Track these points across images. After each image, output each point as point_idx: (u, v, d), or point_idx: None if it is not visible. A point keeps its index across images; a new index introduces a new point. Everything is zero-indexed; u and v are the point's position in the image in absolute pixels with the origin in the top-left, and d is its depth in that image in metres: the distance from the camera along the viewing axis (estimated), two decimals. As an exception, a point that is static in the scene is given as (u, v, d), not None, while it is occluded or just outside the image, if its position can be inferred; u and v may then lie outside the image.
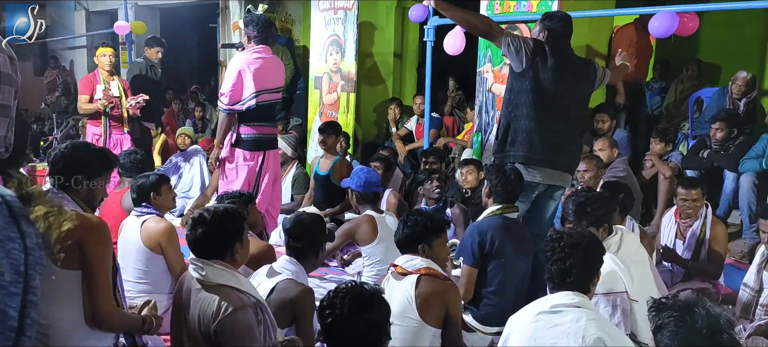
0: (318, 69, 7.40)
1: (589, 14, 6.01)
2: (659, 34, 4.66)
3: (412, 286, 2.88)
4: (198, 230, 2.54)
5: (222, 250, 2.56)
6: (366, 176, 4.30)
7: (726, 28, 6.71)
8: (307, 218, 3.19)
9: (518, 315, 2.57)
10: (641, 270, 3.22)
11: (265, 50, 4.69)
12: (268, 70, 4.66)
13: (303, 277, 3.07)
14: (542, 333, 2.38)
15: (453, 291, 2.98)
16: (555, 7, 5.26)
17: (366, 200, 4.28)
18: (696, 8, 4.59)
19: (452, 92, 8.09)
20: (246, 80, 4.55)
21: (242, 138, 4.67)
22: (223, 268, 2.53)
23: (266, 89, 4.63)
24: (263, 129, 4.73)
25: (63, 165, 2.73)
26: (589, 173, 4.79)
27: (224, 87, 4.66)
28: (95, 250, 2.55)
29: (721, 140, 5.43)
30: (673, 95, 6.76)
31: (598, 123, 6.06)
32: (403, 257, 3.04)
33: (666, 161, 5.53)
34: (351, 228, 4.18)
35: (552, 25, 3.93)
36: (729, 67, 6.41)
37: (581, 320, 2.32)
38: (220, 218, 2.56)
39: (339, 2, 7.06)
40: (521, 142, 3.78)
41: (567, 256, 2.44)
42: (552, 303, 2.43)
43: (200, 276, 2.51)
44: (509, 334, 2.54)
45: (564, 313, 2.37)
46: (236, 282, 2.51)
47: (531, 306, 2.56)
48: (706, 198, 4.23)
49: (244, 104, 4.58)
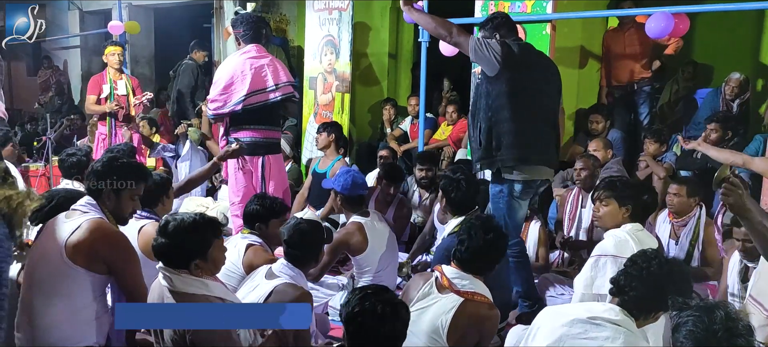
0: (313, 69, 7.38)
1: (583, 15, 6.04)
2: (655, 35, 4.68)
3: (452, 310, 2.68)
4: (159, 240, 2.49)
5: (182, 262, 2.49)
6: (353, 178, 4.08)
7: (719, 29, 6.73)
8: (306, 227, 3.10)
9: (553, 311, 2.46)
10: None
11: (257, 49, 4.55)
12: (260, 70, 4.49)
13: (302, 281, 3.05)
14: (572, 341, 2.26)
15: (492, 320, 2.79)
16: (549, 8, 5.27)
17: (351, 203, 4.08)
18: (688, 9, 4.61)
19: (447, 92, 8.10)
20: (234, 86, 4.43)
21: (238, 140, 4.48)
22: (190, 277, 2.48)
23: (258, 90, 4.46)
24: (257, 133, 4.55)
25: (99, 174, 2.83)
26: (586, 171, 4.80)
27: (212, 93, 4.54)
28: (113, 257, 2.71)
29: (715, 141, 5.45)
30: (668, 95, 6.78)
31: (592, 124, 6.09)
32: (454, 272, 2.79)
33: (660, 162, 5.54)
34: (342, 240, 3.99)
35: (499, 26, 3.90)
36: (722, 69, 6.43)
37: (616, 340, 2.21)
38: (180, 231, 2.47)
39: (334, 2, 7.06)
40: (509, 145, 3.69)
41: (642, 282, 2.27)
42: (592, 313, 2.30)
43: (169, 285, 2.46)
44: (538, 328, 2.41)
45: (601, 327, 2.25)
46: (206, 290, 2.47)
47: (570, 307, 2.48)
48: (700, 200, 4.25)
49: (228, 109, 4.45)
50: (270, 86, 4.52)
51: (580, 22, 6.33)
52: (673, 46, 6.40)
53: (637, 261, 2.34)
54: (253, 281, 3.09)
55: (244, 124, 4.51)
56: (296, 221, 3.17)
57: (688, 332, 1.79)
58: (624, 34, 6.48)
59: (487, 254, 2.79)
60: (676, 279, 2.30)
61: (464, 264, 2.78)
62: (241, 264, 3.46)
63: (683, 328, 1.81)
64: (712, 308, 1.82)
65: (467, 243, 2.77)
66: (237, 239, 3.63)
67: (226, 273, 3.42)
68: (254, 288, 3.00)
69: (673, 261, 2.42)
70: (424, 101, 6.17)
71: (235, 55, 4.57)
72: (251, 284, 3.07)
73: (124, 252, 2.75)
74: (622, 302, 2.30)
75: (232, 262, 3.46)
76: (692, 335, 1.78)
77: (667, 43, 6.37)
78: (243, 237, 3.59)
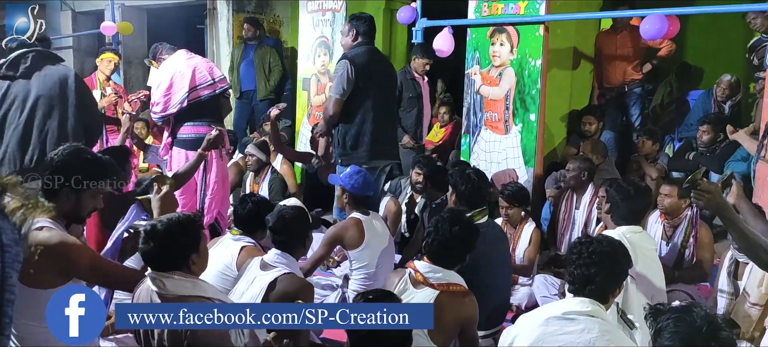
0: (306, 71, 7.38)
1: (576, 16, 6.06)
2: (650, 37, 4.70)
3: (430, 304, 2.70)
4: (151, 243, 2.42)
5: (179, 262, 2.45)
6: (363, 179, 4.09)
7: (711, 31, 6.77)
8: (289, 212, 3.15)
9: (529, 316, 2.51)
10: (646, 257, 3.26)
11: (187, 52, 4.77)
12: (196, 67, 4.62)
13: (296, 267, 3.09)
14: (550, 339, 2.32)
15: (470, 306, 2.85)
16: (542, 9, 5.28)
17: (357, 203, 4.10)
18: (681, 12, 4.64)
19: (440, 93, 8.10)
20: (175, 85, 4.55)
21: (182, 138, 4.62)
22: (183, 279, 2.44)
23: (201, 85, 4.60)
24: (202, 129, 4.57)
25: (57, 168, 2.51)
26: (573, 173, 4.81)
27: (153, 96, 4.65)
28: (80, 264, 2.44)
29: (707, 142, 5.49)
30: (660, 97, 6.81)
31: (585, 125, 6.09)
32: (426, 266, 2.86)
33: (652, 163, 5.56)
34: (337, 233, 4.00)
35: (359, 25, 4.62)
36: (715, 71, 6.47)
37: (592, 331, 2.27)
38: (174, 228, 2.44)
39: (327, 3, 7.06)
40: (363, 144, 4.59)
41: (593, 263, 2.37)
42: (564, 309, 2.37)
43: (160, 290, 2.41)
44: (517, 335, 2.47)
45: (575, 321, 2.31)
46: (200, 291, 2.44)
47: (543, 308, 2.52)
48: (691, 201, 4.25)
49: (176, 108, 4.57)
50: (209, 81, 4.69)
51: (573, 24, 6.35)
52: (665, 49, 6.43)
53: (582, 252, 2.41)
54: (248, 274, 3.09)
55: (190, 120, 4.63)
56: (279, 207, 3.20)
57: (672, 333, 1.81)
58: (616, 36, 6.51)
59: (456, 247, 2.85)
60: (620, 251, 2.46)
61: (434, 257, 2.85)
62: (235, 266, 3.45)
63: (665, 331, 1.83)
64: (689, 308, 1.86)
65: (434, 237, 2.84)
66: (228, 241, 3.61)
67: (221, 275, 3.41)
68: (251, 281, 3.01)
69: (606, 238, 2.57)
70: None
71: (169, 60, 4.72)
72: (247, 277, 3.08)
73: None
74: (590, 292, 2.36)
75: (225, 264, 3.45)
76: (676, 336, 1.80)
77: (659, 46, 6.40)
78: (235, 239, 3.58)
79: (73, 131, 4.01)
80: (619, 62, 6.54)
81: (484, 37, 5.68)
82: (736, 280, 3.51)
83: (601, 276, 2.36)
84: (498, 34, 5.60)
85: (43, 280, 2.27)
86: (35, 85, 3.98)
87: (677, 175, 5.57)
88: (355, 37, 4.61)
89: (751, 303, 3.14)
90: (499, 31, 5.57)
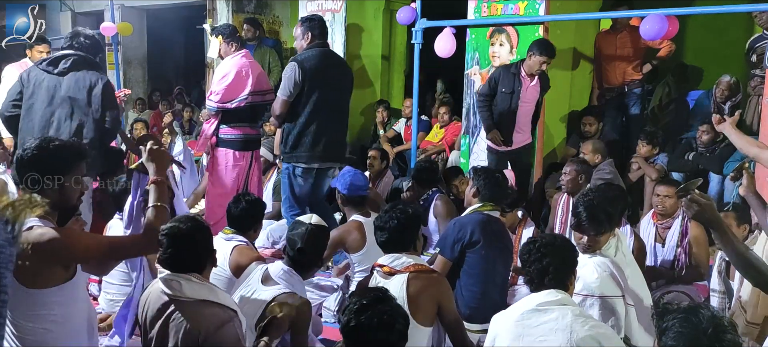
0: (306, 71, 7.37)
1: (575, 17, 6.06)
2: (650, 37, 4.70)
3: (403, 287, 2.87)
4: (177, 243, 2.42)
5: (201, 262, 2.48)
6: (351, 178, 4.16)
7: (710, 32, 6.77)
8: (318, 232, 3.10)
9: (503, 315, 2.60)
10: (633, 270, 3.23)
11: (247, 55, 4.83)
12: (259, 73, 4.79)
13: (300, 288, 3.04)
14: (529, 332, 2.44)
15: (442, 282, 3.02)
16: (542, 10, 5.29)
17: (352, 203, 4.15)
18: (680, 12, 4.64)
19: (440, 94, 8.10)
20: (241, 81, 4.64)
21: (230, 139, 4.73)
22: (200, 282, 2.45)
23: (259, 91, 4.72)
24: (249, 130, 4.82)
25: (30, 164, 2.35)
26: (568, 176, 4.76)
27: (217, 85, 4.69)
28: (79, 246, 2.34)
29: (706, 142, 5.49)
30: (659, 98, 6.81)
31: (585, 126, 6.09)
32: (388, 257, 3.02)
33: (652, 164, 5.56)
34: (341, 236, 4.00)
35: (312, 27, 4.63)
36: (713, 72, 6.47)
37: (566, 317, 2.40)
38: (198, 229, 2.46)
39: (327, 4, 7.06)
40: (304, 144, 4.57)
41: (543, 255, 2.53)
42: (537, 302, 2.49)
43: (175, 293, 2.41)
44: (496, 335, 2.57)
45: (549, 311, 2.44)
46: (214, 296, 2.46)
47: (515, 305, 2.60)
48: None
49: (235, 104, 4.64)
50: (265, 90, 4.84)
51: (572, 24, 6.35)
52: (665, 50, 6.43)
53: (532, 250, 2.57)
54: (248, 285, 3.04)
55: (236, 121, 4.74)
56: (308, 227, 3.08)
57: (677, 333, 1.80)
58: (616, 36, 6.51)
59: (403, 231, 3.04)
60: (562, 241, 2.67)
61: (389, 246, 3.06)
62: (227, 266, 3.45)
63: (670, 331, 1.82)
64: (695, 309, 1.84)
65: (381, 228, 3.06)
66: (220, 241, 3.55)
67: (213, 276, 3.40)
68: (252, 293, 2.97)
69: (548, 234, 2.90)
70: (418, 103, 6.17)
71: (234, 58, 4.76)
72: (247, 289, 3.03)
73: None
74: (550, 282, 2.51)
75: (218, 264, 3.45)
76: (681, 336, 1.79)
77: (659, 47, 6.40)
78: (227, 239, 3.57)
79: (87, 135, 4.17)
80: (618, 63, 6.54)
81: (484, 37, 5.69)
82: (727, 279, 3.53)
83: (554, 264, 2.51)
84: (497, 34, 5.61)
85: (44, 279, 2.26)
86: (65, 85, 4.18)
87: (677, 175, 5.56)
88: (311, 39, 4.62)
89: (748, 321, 3.10)
90: (498, 31, 5.59)
